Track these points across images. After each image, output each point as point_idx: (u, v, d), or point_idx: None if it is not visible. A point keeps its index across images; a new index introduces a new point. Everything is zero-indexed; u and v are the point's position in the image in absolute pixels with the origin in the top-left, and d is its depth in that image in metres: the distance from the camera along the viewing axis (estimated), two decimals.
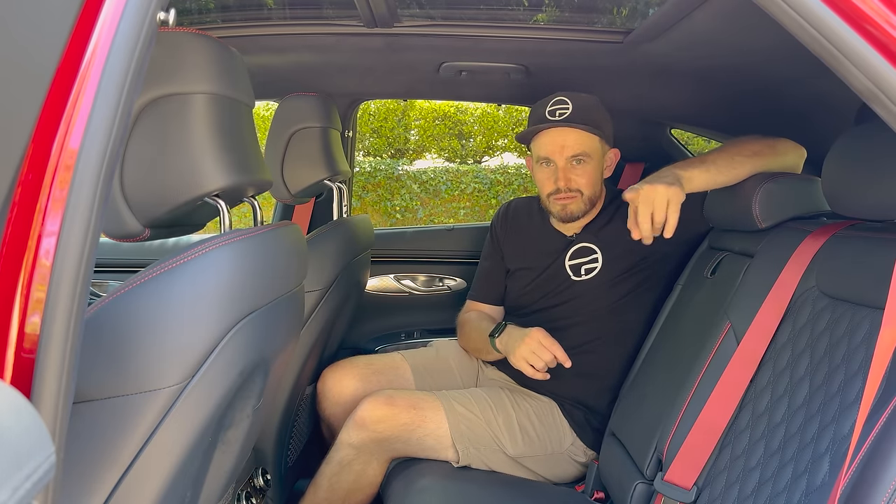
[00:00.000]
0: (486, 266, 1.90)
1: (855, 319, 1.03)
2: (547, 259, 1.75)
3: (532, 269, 1.78)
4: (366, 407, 1.54)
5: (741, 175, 1.40)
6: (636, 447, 1.44)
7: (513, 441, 1.58)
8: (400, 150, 7.46)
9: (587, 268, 1.70)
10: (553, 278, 1.74)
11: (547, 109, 1.63)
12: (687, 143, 2.61)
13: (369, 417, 1.52)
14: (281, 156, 1.65)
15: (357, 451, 1.55)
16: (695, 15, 1.30)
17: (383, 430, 1.53)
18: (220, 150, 0.91)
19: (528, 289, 1.78)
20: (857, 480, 0.83)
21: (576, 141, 1.61)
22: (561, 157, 1.62)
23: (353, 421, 1.55)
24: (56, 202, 0.61)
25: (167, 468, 0.81)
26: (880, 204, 1.01)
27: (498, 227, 1.90)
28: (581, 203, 1.65)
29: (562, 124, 1.60)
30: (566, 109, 1.61)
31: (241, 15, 1.75)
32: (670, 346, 1.55)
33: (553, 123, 1.61)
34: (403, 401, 1.56)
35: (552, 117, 1.62)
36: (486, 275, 1.89)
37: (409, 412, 1.54)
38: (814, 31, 0.76)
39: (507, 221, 1.89)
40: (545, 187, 1.67)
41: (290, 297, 1.08)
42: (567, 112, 1.61)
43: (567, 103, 1.62)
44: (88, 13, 0.63)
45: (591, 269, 1.69)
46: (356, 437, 1.54)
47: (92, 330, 0.76)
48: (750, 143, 1.44)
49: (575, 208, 1.65)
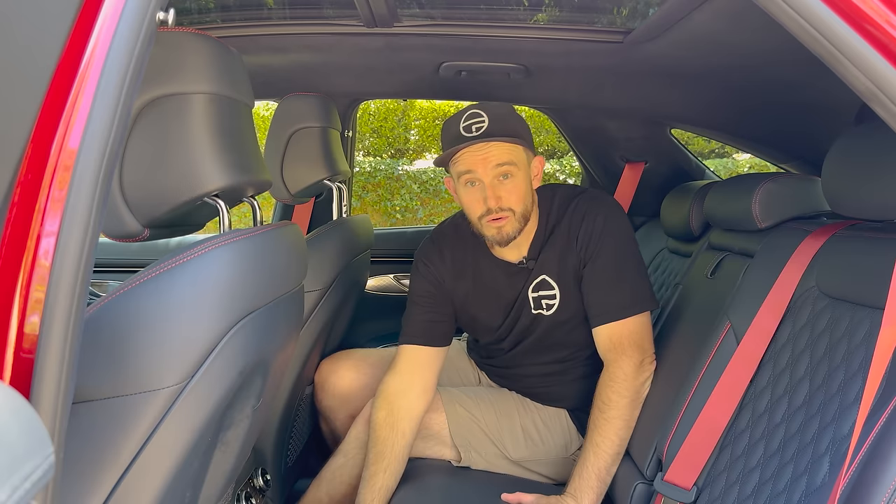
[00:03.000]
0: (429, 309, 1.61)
1: (855, 319, 1.02)
2: (507, 295, 1.59)
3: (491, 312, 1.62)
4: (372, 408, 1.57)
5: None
6: (636, 447, 1.44)
7: (515, 445, 1.57)
8: (400, 150, 7.46)
9: (547, 303, 1.56)
10: (520, 314, 1.60)
11: (461, 125, 1.45)
12: (687, 142, 2.61)
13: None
14: (281, 156, 1.65)
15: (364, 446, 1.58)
16: (695, 15, 1.30)
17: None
18: (220, 150, 0.91)
19: (499, 331, 1.64)
20: (857, 480, 0.83)
21: (500, 151, 1.44)
22: (486, 172, 1.44)
23: (363, 417, 1.60)
24: (55, 202, 0.61)
25: (167, 468, 0.81)
26: (880, 204, 1.01)
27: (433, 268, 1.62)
28: (515, 222, 1.48)
29: (481, 139, 1.42)
30: (482, 123, 1.43)
31: (241, 15, 1.75)
32: (670, 346, 1.55)
33: (471, 140, 1.42)
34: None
35: (468, 133, 1.44)
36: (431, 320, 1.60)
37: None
38: (814, 31, 0.76)
39: (445, 259, 1.63)
40: (474, 210, 1.48)
41: (289, 297, 1.07)
42: (483, 125, 1.43)
43: (482, 115, 1.44)
44: (87, 13, 0.63)
45: (550, 305, 1.56)
46: (364, 433, 1.59)
47: (91, 330, 0.76)
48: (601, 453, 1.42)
49: (510, 229, 1.48)
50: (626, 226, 1.55)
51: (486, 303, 1.61)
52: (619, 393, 1.44)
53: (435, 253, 1.64)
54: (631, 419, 1.44)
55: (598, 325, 1.49)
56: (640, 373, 1.46)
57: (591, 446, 1.41)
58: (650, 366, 1.49)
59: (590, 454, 1.41)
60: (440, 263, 1.62)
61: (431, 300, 1.61)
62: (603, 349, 1.50)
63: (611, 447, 1.41)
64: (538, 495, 1.39)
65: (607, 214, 1.52)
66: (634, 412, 1.45)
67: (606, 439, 1.41)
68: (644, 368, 1.47)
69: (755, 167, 6.43)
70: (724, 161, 6.83)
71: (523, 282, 1.57)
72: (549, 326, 1.58)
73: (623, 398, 1.43)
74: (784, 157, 2.19)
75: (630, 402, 1.44)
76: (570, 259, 1.53)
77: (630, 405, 1.44)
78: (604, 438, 1.41)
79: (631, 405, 1.44)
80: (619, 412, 1.42)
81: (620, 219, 1.54)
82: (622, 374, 1.44)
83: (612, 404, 1.43)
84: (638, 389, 1.45)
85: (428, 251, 1.65)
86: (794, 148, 2.10)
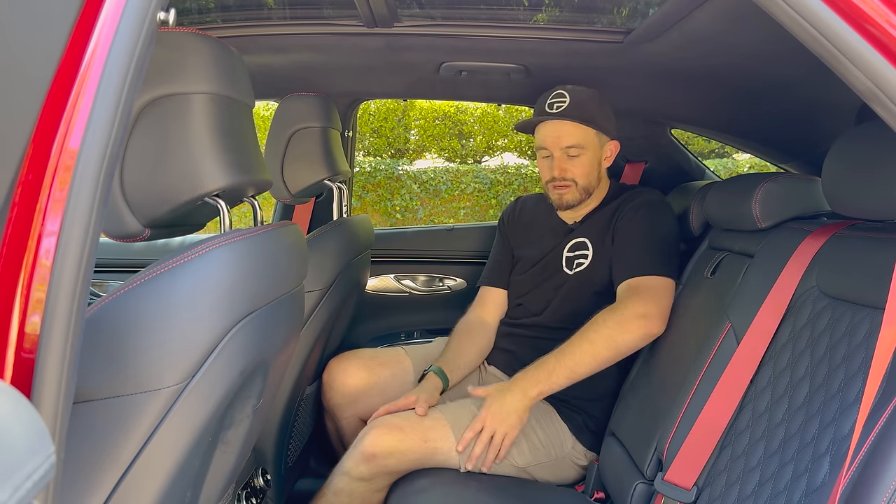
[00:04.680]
0: (495, 254, 1.99)
1: (855, 319, 1.03)
2: (548, 243, 1.83)
3: (533, 254, 1.85)
4: (373, 438, 1.46)
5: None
6: (636, 447, 1.44)
7: (520, 452, 1.56)
8: (400, 150, 7.46)
9: (578, 261, 1.75)
10: (548, 266, 1.81)
11: (546, 102, 1.72)
12: (687, 142, 2.61)
13: (379, 451, 1.45)
14: (281, 156, 1.65)
15: (367, 483, 1.49)
16: (695, 15, 1.30)
17: (394, 464, 1.47)
18: (220, 150, 0.91)
19: (521, 278, 1.86)
20: (857, 480, 0.83)
21: (570, 133, 1.70)
22: (556, 147, 1.71)
23: (360, 453, 1.46)
24: (56, 202, 0.61)
25: (167, 468, 0.81)
26: (880, 204, 1.01)
27: (506, 219, 2.00)
28: (576, 192, 1.73)
29: (557, 117, 1.69)
30: (563, 103, 1.69)
31: (241, 15, 1.75)
32: (670, 345, 1.55)
33: (549, 116, 1.70)
34: (414, 432, 1.48)
35: (549, 110, 1.70)
36: (494, 261, 1.97)
37: (421, 446, 1.47)
38: (814, 31, 0.76)
39: (516, 213, 1.99)
40: (544, 175, 1.77)
41: (290, 297, 1.07)
42: (564, 106, 1.69)
43: (565, 97, 1.70)
44: (88, 13, 0.63)
45: (581, 263, 1.75)
46: (365, 470, 1.47)
47: (92, 330, 0.76)
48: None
49: (570, 197, 1.74)
50: (663, 214, 1.71)
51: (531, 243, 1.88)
52: (604, 319, 1.51)
53: (512, 206, 2.03)
54: (598, 353, 1.48)
55: (623, 280, 1.61)
56: (637, 320, 1.50)
57: (557, 351, 1.51)
58: (652, 325, 1.51)
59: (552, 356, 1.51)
60: (512, 211, 2.00)
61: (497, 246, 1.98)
62: (620, 296, 1.59)
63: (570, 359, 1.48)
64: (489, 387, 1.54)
65: (647, 201, 1.71)
66: (605, 350, 1.49)
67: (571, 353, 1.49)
68: (645, 321, 1.50)
69: (755, 167, 6.43)
70: (724, 161, 6.84)
71: (563, 238, 1.80)
72: (574, 284, 1.74)
73: (605, 327, 1.50)
74: (784, 157, 2.19)
75: (608, 338, 1.48)
76: (608, 233, 1.72)
77: (607, 340, 1.48)
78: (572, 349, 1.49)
79: (607, 341, 1.48)
80: (594, 335, 1.49)
81: (659, 207, 1.71)
82: (621, 307, 1.53)
83: (594, 326, 1.51)
84: (624, 331, 1.49)
85: (509, 206, 2.04)
86: (794, 148, 2.10)
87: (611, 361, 1.50)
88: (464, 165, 7.27)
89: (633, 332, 1.49)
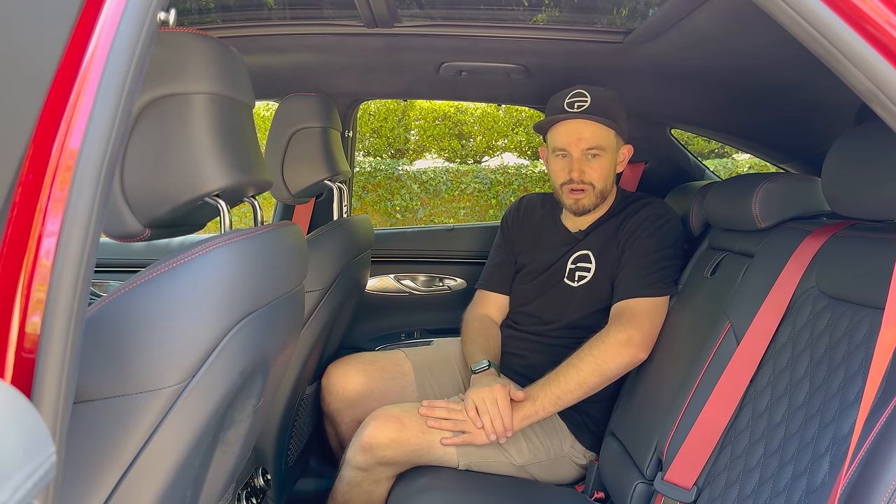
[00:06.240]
0: (496, 256, 1.94)
1: (855, 319, 1.03)
2: (553, 253, 1.79)
3: (537, 263, 1.81)
4: (372, 429, 1.49)
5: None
6: (636, 447, 1.44)
7: (518, 451, 1.57)
8: (400, 150, 7.46)
9: (580, 274, 1.73)
10: (552, 277, 1.77)
11: (566, 101, 1.66)
12: (687, 142, 2.61)
13: (377, 442, 1.47)
14: (281, 156, 1.65)
15: (365, 472, 1.52)
16: (695, 15, 1.30)
17: (391, 455, 1.49)
18: (221, 150, 0.91)
19: (525, 287, 1.82)
20: (857, 480, 0.83)
21: (593, 134, 1.64)
22: (577, 148, 1.65)
23: (360, 443, 1.49)
24: (56, 202, 0.61)
25: (168, 468, 0.81)
26: (880, 204, 1.01)
27: (510, 220, 1.94)
28: (592, 196, 1.68)
29: (580, 116, 1.62)
30: (585, 102, 1.63)
31: (241, 15, 1.75)
32: (670, 345, 1.55)
33: (571, 115, 1.63)
34: (413, 424, 1.50)
35: (570, 109, 1.64)
36: (496, 264, 1.92)
37: (419, 437, 1.49)
38: (814, 31, 0.76)
39: (519, 214, 1.93)
40: (559, 177, 1.70)
41: (290, 297, 1.08)
42: (585, 104, 1.63)
43: (586, 96, 1.64)
44: (89, 13, 0.63)
45: (583, 277, 1.72)
46: (363, 459, 1.50)
47: (92, 330, 0.76)
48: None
49: (587, 202, 1.69)
50: (668, 228, 1.67)
51: (535, 249, 1.84)
52: (590, 347, 1.54)
53: (516, 206, 1.96)
54: (585, 381, 1.51)
55: (616, 301, 1.62)
56: (621, 347, 1.52)
57: (545, 379, 1.54)
58: (637, 352, 1.53)
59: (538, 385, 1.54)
60: (516, 211, 1.94)
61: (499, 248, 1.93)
62: (610, 319, 1.61)
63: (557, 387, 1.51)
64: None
65: (651, 216, 1.68)
66: (592, 377, 1.51)
67: (557, 382, 1.52)
68: (629, 348, 1.52)
69: (755, 167, 6.43)
70: (724, 161, 6.84)
71: (568, 248, 1.76)
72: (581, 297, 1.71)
73: (591, 355, 1.52)
74: (784, 157, 2.19)
75: (594, 365, 1.51)
76: (612, 247, 1.69)
77: (592, 367, 1.51)
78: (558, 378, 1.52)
79: (592, 368, 1.51)
80: (581, 363, 1.52)
81: (665, 221, 1.68)
82: (605, 335, 1.55)
83: (581, 353, 1.54)
84: (608, 359, 1.52)
85: (512, 206, 1.97)
86: (793, 148, 2.10)
87: (599, 387, 1.53)
88: (464, 165, 7.27)
89: (616, 359, 1.52)
